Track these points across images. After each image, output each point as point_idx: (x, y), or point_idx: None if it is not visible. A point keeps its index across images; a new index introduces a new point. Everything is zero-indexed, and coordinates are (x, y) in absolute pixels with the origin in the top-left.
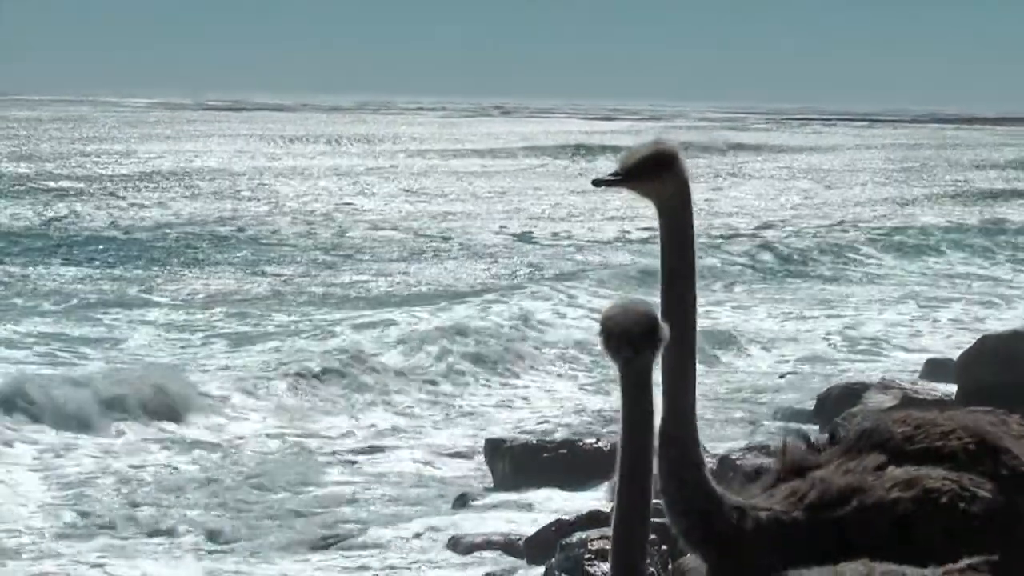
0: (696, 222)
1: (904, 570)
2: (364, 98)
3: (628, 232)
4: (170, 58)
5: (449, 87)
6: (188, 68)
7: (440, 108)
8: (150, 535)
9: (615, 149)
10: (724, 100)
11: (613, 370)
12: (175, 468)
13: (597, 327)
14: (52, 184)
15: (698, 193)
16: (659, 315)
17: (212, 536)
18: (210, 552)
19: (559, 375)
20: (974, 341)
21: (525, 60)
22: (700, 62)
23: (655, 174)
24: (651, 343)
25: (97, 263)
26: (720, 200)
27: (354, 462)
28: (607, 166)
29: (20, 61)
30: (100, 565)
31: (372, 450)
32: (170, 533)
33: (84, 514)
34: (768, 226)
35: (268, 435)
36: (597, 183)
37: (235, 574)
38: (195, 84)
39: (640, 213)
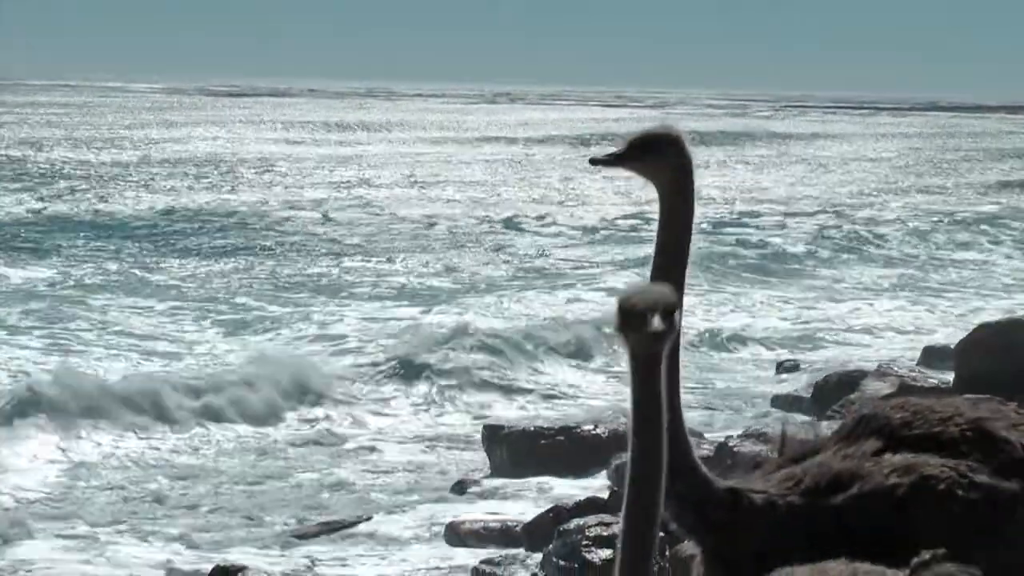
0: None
1: (884, 571)
2: (359, 85)
3: (640, 221)
4: (166, 45)
5: (450, 74)
6: (187, 55)
7: (441, 95)
8: (150, 525)
9: None
10: (719, 89)
11: (618, 362)
12: (172, 459)
13: (613, 311)
14: (67, 170)
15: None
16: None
17: (209, 526)
18: (206, 542)
19: (559, 363)
20: (972, 329)
21: (522, 48)
22: (698, 52)
23: (653, 155)
24: (672, 322)
25: (100, 251)
26: (718, 186)
27: (352, 449)
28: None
29: (17, 46)
30: (99, 554)
31: (371, 437)
32: (166, 523)
33: (81, 502)
34: (767, 213)
35: (266, 425)
36: (594, 162)
37: (234, 564)
38: (194, 70)
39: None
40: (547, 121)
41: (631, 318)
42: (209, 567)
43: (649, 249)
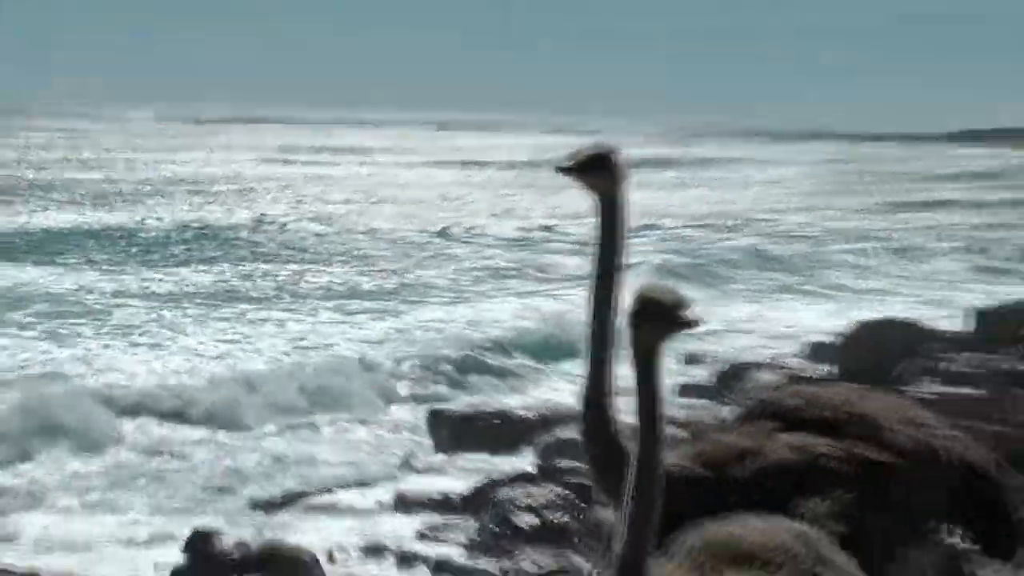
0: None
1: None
2: (329, 114)
3: (557, 234)
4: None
5: (401, 103)
6: (156, 87)
7: (395, 123)
8: (134, 498)
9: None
10: (646, 117)
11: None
12: (159, 437)
13: (631, 305)
14: (64, 187)
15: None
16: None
17: (189, 497)
18: (188, 510)
19: (498, 357)
20: (852, 327)
21: (446, 75)
22: (629, 81)
23: (598, 170)
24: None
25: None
26: (638, 204)
27: (317, 431)
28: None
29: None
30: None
31: (332, 422)
32: (148, 496)
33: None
34: (677, 226)
35: (244, 417)
36: (558, 169)
37: (209, 528)
38: (165, 100)
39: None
40: (487, 147)
41: (652, 310)
42: (187, 531)
43: (560, 257)
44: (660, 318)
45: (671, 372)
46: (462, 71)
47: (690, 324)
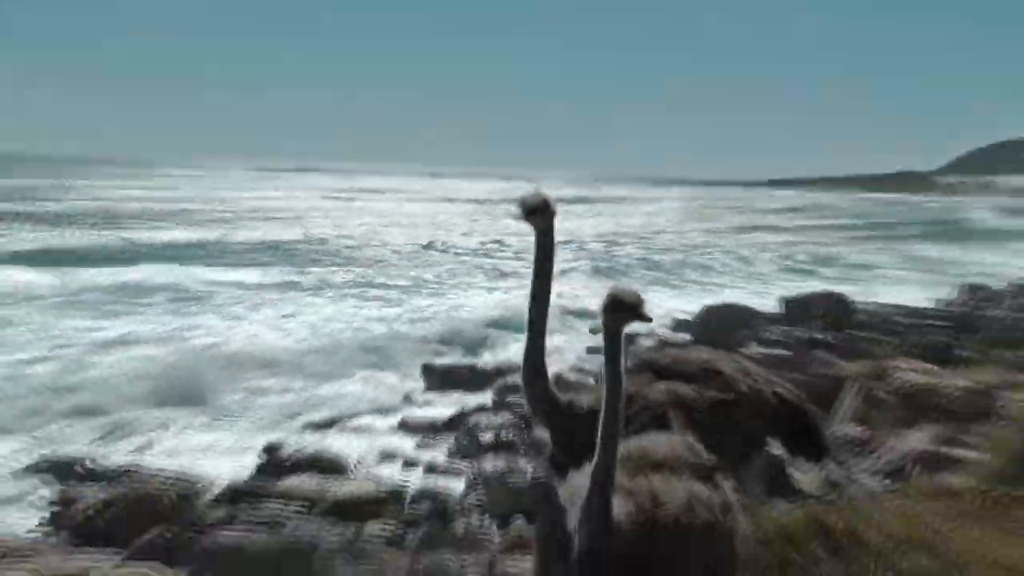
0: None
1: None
2: (358, 165)
3: (504, 246)
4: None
5: (388, 155)
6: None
7: (389, 172)
8: (219, 423)
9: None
10: (569, 167)
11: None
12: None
13: (604, 299)
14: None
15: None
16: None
17: (260, 418)
18: (257, 428)
19: (475, 331)
20: (702, 308)
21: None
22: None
23: (539, 211)
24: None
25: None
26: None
27: (350, 377)
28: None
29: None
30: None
31: (358, 372)
32: (233, 414)
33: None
34: (591, 242)
35: (303, 367)
36: (511, 216)
37: (275, 442)
38: (246, 153)
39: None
40: (461, 188)
41: (619, 305)
42: (261, 444)
43: (510, 263)
44: (623, 311)
45: (582, 337)
46: (451, 137)
47: (645, 317)
